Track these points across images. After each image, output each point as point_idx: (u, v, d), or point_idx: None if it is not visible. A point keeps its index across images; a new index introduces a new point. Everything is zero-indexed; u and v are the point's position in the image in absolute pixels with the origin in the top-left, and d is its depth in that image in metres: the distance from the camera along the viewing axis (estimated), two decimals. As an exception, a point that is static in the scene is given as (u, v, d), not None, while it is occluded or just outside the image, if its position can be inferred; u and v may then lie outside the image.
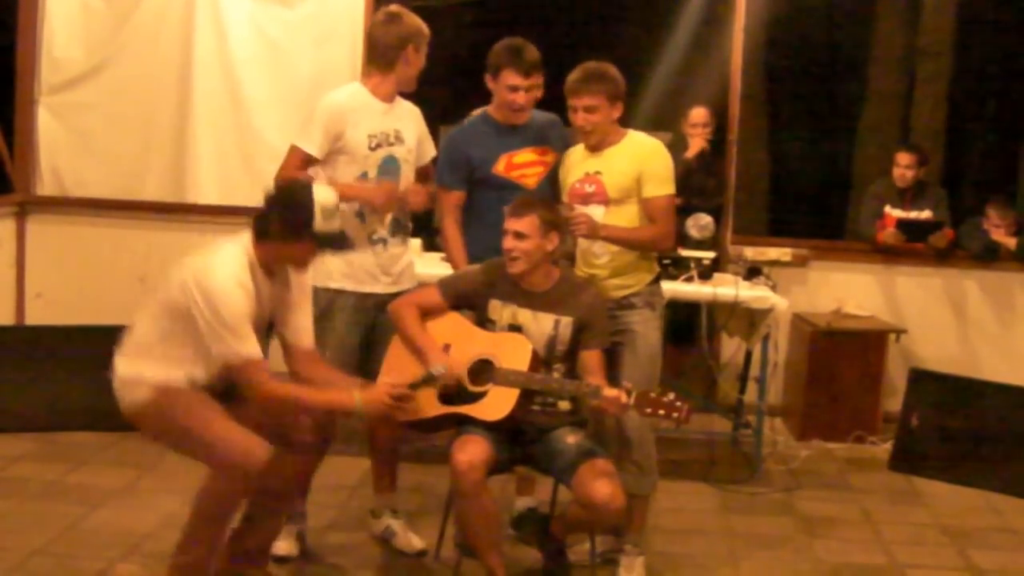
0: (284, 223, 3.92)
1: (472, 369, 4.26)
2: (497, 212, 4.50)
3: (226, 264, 3.87)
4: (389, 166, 4.68)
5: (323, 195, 3.97)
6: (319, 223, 3.91)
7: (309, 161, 4.62)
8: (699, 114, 7.15)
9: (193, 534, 3.95)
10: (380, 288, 4.68)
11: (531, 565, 4.64)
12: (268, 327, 4.10)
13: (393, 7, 4.74)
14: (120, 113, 7.41)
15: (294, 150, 4.64)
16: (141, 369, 3.95)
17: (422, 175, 4.89)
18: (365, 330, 4.71)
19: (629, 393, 4.01)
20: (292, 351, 4.20)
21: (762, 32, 9.01)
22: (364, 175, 4.64)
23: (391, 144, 4.69)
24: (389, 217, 4.71)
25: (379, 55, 4.69)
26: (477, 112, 5.21)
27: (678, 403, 3.96)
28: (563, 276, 4.43)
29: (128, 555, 4.63)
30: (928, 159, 7.77)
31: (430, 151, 4.96)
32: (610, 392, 4.04)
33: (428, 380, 4.16)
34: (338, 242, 4.06)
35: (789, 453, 6.48)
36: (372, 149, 4.64)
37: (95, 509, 5.12)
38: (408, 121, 4.81)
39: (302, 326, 4.19)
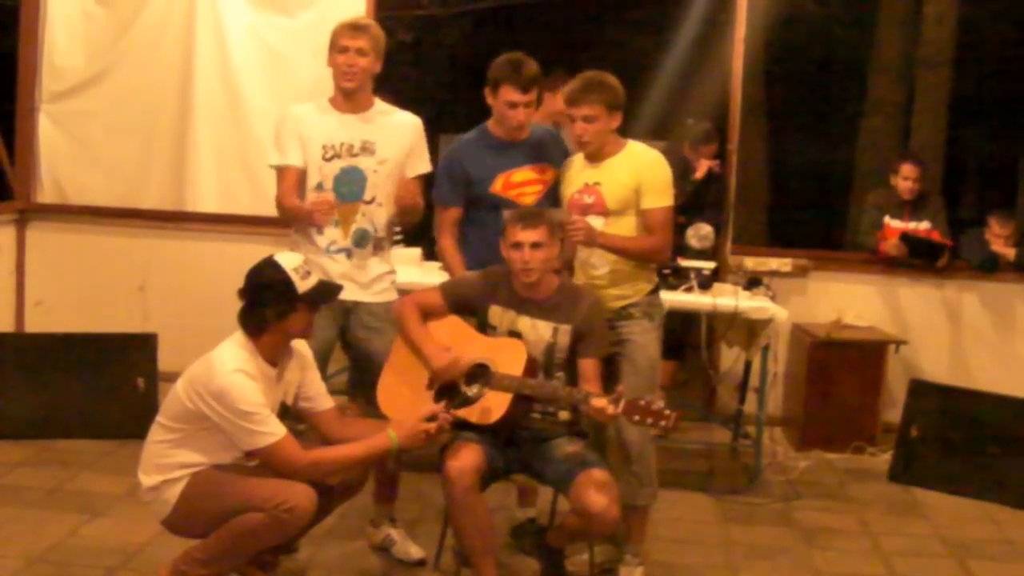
0: (274, 305, 3.94)
1: (469, 373, 4.27)
2: (495, 228, 4.50)
3: (225, 360, 3.89)
4: (350, 178, 4.68)
5: (289, 260, 4.01)
6: (300, 286, 3.95)
7: (295, 174, 4.68)
8: (711, 151, 7.14)
9: (215, 552, 3.91)
10: (343, 294, 4.62)
11: (531, 574, 4.63)
12: (283, 412, 4.10)
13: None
14: (121, 121, 7.43)
15: (277, 171, 4.73)
16: (165, 474, 3.96)
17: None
18: (335, 334, 4.72)
19: (618, 400, 4.02)
20: (316, 418, 4.22)
21: (762, 42, 9.02)
22: (319, 186, 4.66)
23: (354, 155, 4.69)
24: (353, 228, 4.71)
25: None
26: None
27: (666, 411, 3.97)
28: (562, 284, 4.44)
29: (127, 563, 4.62)
30: (928, 170, 7.78)
31: (420, 167, 4.89)
32: (599, 400, 4.06)
33: (463, 402, 4.16)
34: (325, 293, 4.09)
35: (788, 463, 6.47)
36: (326, 160, 4.65)
37: (94, 517, 5.12)
38: (389, 133, 4.78)
39: (317, 391, 4.22)
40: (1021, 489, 5.96)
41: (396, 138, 4.79)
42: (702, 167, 6.97)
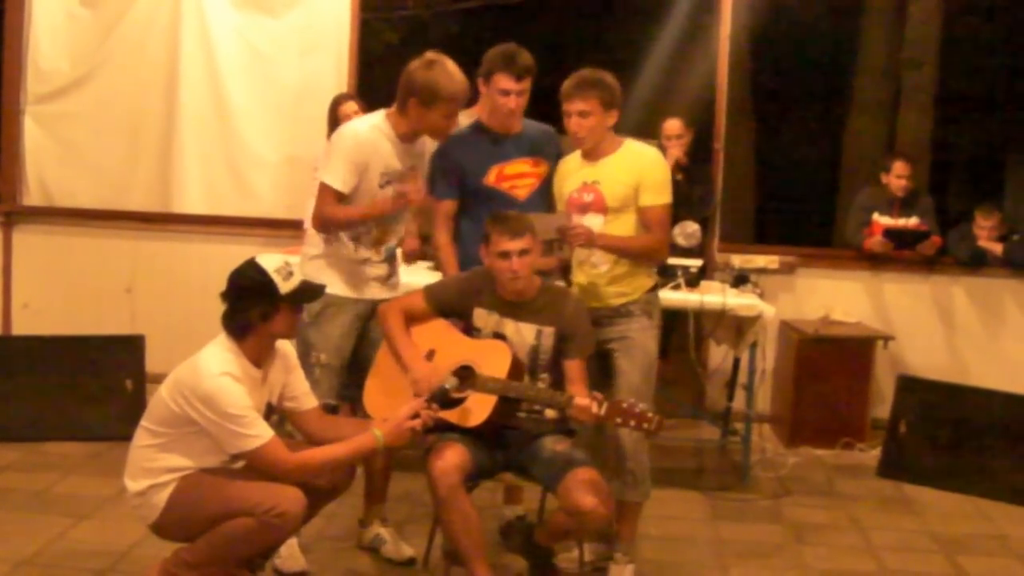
0: (256, 307, 3.92)
1: (454, 373, 4.26)
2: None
3: (211, 364, 3.87)
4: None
5: (270, 261, 3.98)
6: (282, 287, 3.92)
7: (340, 197, 4.55)
8: (672, 126, 7.06)
9: (205, 556, 3.89)
10: (372, 294, 4.67)
11: (521, 573, 4.62)
12: (268, 412, 4.09)
13: (431, 54, 4.62)
14: (106, 123, 7.43)
15: (323, 188, 4.56)
16: (152, 479, 3.93)
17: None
18: (359, 336, 4.70)
19: (600, 403, 4.04)
20: (300, 417, 4.21)
21: (748, 41, 9.04)
22: None
23: (401, 181, 4.65)
24: (385, 246, 4.70)
25: (398, 94, 4.61)
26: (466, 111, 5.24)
27: (649, 414, 3.99)
28: (544, 286, 4.44)
29: (115, 565, 4.61)
30: (917, 168, 7.82)
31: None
32: (581, 401, 4.08)
33: (441, 394, 4.15)
34: (308, 292, 4.05)
35: (777, 460, 6.48)
36: (381, 187, 4.60)
37: (82, 519, 5.11)
38: (424, 158, 4.79)
39: (301, 391, 4.20)
40: (1010, 483, 5.98)
41: (427, 162, 4.82)
42: (669, 157, 6.88)
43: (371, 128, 4.63)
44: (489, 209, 4.61)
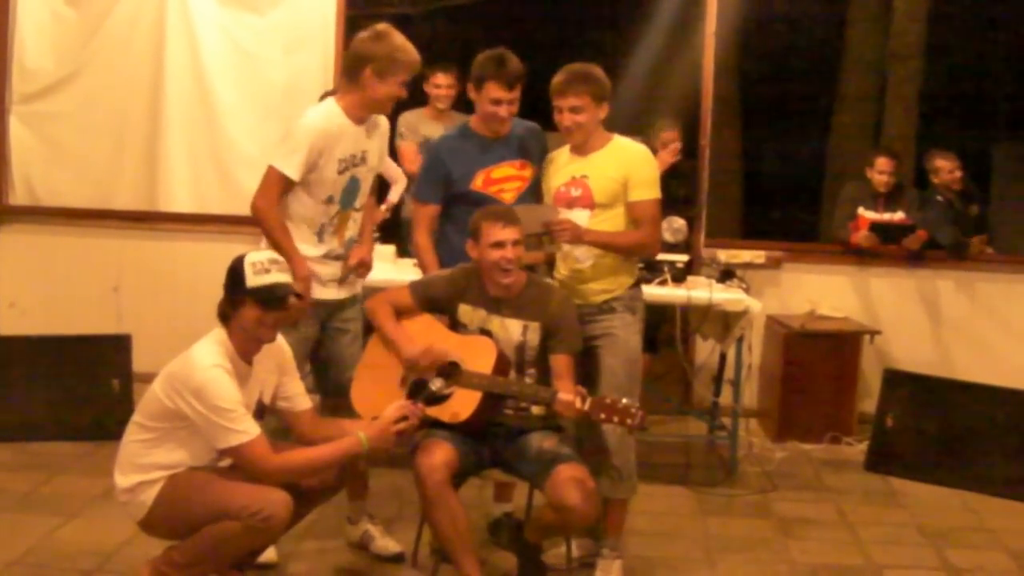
0: (228, 295, 3.95)
1: (439, 371, 4.27)
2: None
3: (203, 356, 3.88)
4: (351, 187, 4.64)
5: (256, 255, 3.99)
6: (250, 279, 3.91)
7: (288, 184, 4.52)
8: (670, 135, 7.08)
9: (193, 557, 3.90)
10: (329, 295, 4.66)
11: (510, 570, 4.63)
12: (259, 412, 4.10)
13: (381, 25, 4.63)
14: (92, 122, 7.42)
15: (273, 172, 4.50)
16: (141, 475, 3.94)
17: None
18: (318, 331, 4.68)
19: (584, 399, 4.05)
20: (293, 417, 4.22)
21: (734, 37, 9.04)
22: (330, 198, 4.58)
23: (356, 166, 4.64)
24: (347, 235, 4.68)
25: (347, 69, 4.62)
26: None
27: (632, 409, 4.00)
28: (530, 281, 4.45)
29: (104, 564, 4.61)
30: (902, 163, 7.85)
31: (382, 166, 4.94)
32: (565, 397, 4.09)
33: (428, 395, 4.15)
34: (273, 292, 3.96)
35: (765, 455, 6.50)
36: (340, 173, 4.59)
37: (70, 519, 5.10)
38: (375, 140, 4.74)
39: (295, 391, 4.21)
40: (996, 477, 6.00)
41: (380, 145, 4.78)
42: (662, 162, 6.86)
43: (328, 118, 4.57)
44: (474, 212, 4.62)
